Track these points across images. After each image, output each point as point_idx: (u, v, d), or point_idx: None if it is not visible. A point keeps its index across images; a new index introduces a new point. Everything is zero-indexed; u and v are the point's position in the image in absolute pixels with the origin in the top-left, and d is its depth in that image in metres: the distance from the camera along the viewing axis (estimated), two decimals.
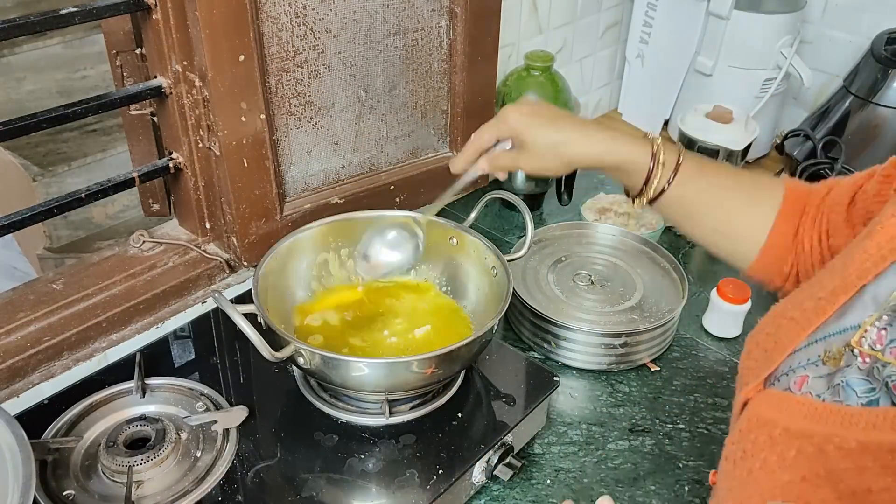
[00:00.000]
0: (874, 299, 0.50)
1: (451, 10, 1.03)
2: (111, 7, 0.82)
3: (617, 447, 0.88)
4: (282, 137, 0.95)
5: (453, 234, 0.91)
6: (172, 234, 1.01)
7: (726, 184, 0.75)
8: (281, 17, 0.88)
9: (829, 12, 1.45)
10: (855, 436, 0.44)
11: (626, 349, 0.96)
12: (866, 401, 0.46)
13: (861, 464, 0.43)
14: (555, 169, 0.77)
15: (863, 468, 0.42)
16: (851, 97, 1.29)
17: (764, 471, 0.49)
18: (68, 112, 0.82)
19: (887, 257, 0.50)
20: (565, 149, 0.74)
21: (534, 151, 0.75)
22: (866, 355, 0.47)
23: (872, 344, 0.47)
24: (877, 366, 0.46)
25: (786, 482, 0.47)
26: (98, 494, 0.70)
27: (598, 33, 1.50)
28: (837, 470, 0.44)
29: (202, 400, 0.80)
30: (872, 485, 0.42)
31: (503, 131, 0.77)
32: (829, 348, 0.51)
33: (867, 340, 0.48)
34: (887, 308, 0.48)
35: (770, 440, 0.50)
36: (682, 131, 1.29)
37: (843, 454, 0.44)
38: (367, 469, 0.75)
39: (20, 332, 0.85)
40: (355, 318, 0.88)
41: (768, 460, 0.49)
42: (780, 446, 0.48)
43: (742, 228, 0.73)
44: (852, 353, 0.49)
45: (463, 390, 0.84)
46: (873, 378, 0.46)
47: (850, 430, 0.44)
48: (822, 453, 0.45)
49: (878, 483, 0.41)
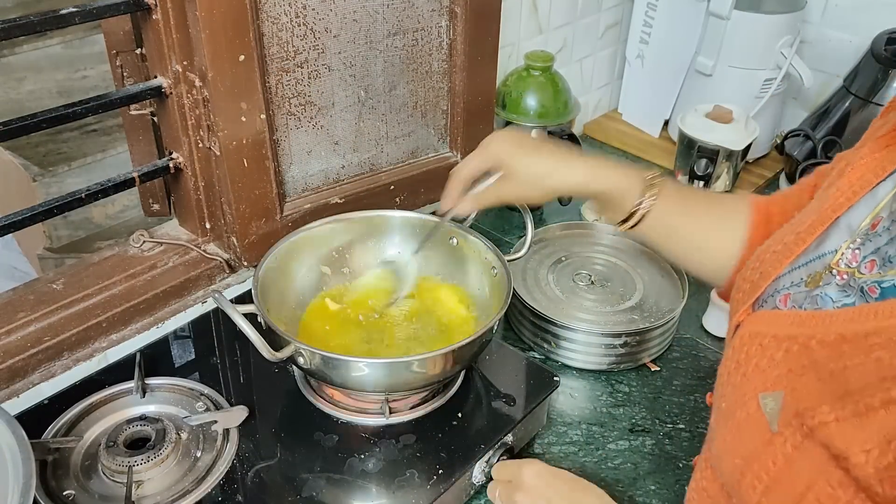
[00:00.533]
0: (848, 227, 0.56)
1: (451, 10, 1.03)
2: (111, 7, 0.82)
3: (617, 447, 0.88)
4: (282, 137, 0.95)
5: (453, 234, 0.91)
6: (172, 234, 1.01)
7: (700, 205, 0.78)
8: (281, 17, 0.88)
9: (829, 12, 1.45)
10: (834, 329, 0.49)
11: (626, 349, 0.96)
12: (840, 304, 0.53)
13: (839, 350, 0.48)
14: (538, 198, 0.80)
15: (840, 353, 0.48)
16: (851, 97, 1.29)
17: (755, 372, 0.54)
18: (68, 112, 0.82)
19: (858, 192, 0.57)
20: (549, 179, 0.77)
21: (517, 181, 0.77)
22: (843, 272, 0.54)
23: (848, 263, 0.54)
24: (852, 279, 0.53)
25: (774, 377, 0.52)
26: (98, 494, 0.70)
27: (598, 33, 1.50)
28: (819, 358, 0.49)
29: (202, 400, 0.80)
30: (847, 362, 0.47)
31: (486, 160, 0.78)
32: (811, 272, 0.57)
33: (843, 261, 0.54)
34: (860, 232, 0.54)
35: (760, 348, 0.55)
36: (682, 131, 1.30)
37: (824, 346, 0.49)
38: (367, 469, 0.75)
39: (20, 332, 0.85)
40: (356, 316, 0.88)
41: (759, 364, 0.54)
42: (770, 350, 0.54)
43: (718, 246, 0.77)
44: (831, 273, 0.55)
45: (463, 390, 0.84)
46: (849, 287, 0.53)
47: (829, 326, 0.50)
48: (805, 349, 0.51)
49: (853, 360, 0.47)
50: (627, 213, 0.76)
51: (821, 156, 1.28)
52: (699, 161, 1.26)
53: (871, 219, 0.54)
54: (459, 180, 0.80)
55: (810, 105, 1.49)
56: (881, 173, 0.56)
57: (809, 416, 0.47)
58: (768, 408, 0.51)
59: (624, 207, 0.76)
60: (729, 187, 1.33)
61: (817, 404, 0.47)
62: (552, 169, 0.76)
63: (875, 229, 0.53)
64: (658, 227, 0.76)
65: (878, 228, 0.53)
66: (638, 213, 0.75)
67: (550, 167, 0.76)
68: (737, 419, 0.54)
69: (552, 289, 1.03)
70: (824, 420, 0.46)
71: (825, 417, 0.46)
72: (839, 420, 0.46)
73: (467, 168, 0.80)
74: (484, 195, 0.80)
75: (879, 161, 0.57)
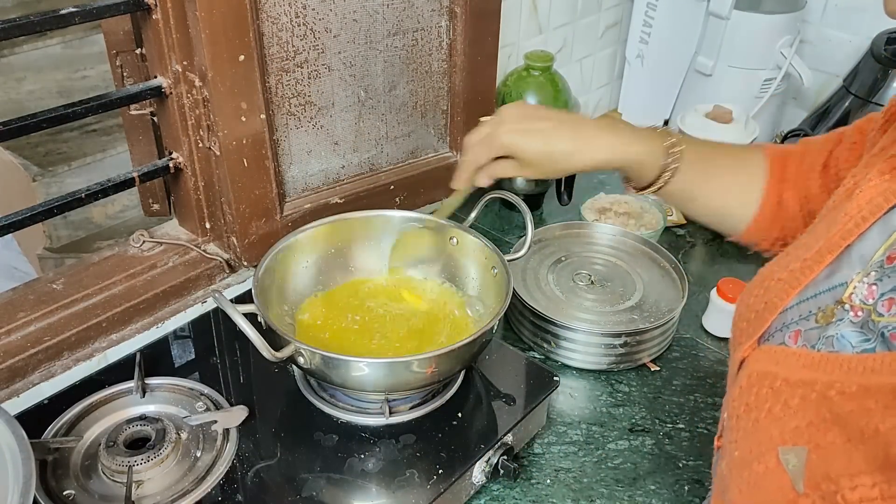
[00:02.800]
0: (861, 258, 0.53)
1: (451, 10, 1.03)
2: (111, 7, 0.82)
3: (617, 447, 0.88)
4: (282, 137, 0.95)
5: (453, 234, 0.91)
6: (172, 234, 1.01)
7: (718, 166, 0.78)
8: (281, 17, 0.88)
9: (829, 12, 1.45)
10: (855, 380, 0.45)
11: (626, 349, 0.96)
12: (861, 350, 0.48)
13: (865, 405, 0.44)
14: (556, 175, 0.79)
15: (867, 409, 0.44)
16: (851, 97, 1.29)
17: (769, 419, 0.50)
18: (68, 112, 0.82)
19: (868, 218, 0.53)
20: (566, 161, 0.74)
21: (532, 165, 0.75)
22: (858, 309, 0.50)
23: (864, 299, 0.50)
24: (870, 318, 0.49)
25: (793, 428, 0.48)
26: (98, 494, 0.70)
27: (598, 33, 1.50)
28: (843, 413, 0.45)
29: (202, 400, 0.80)
30: (880, 425, 0.43)
31: (498, 149, 0.75)
32: (821, 305, 0.53)
33: (857, 296, 0.50)
34: (874, 265, 0.51)
35: (772, 391, 0.51)
36: (682, 131, 1.29)
37: (846, 398, 0.45)
38: (367, 469, 0.75)
39: (20, 332, 0.85)
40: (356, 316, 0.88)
41: (773, 410, 0.50)
42: (784, 395, 0.50)
43: (736, 201, 0.78)
44: (843, 309, 0.51)
45: (463, 390, 0.84)
46: (868, 330, 0.49)
47: (849, 375, 0.46)
48: (825, 399, 0.47)
49: (886, 423, 0.43)
50: (649, 181, 0.76)
51: None
52: None
53: (886, 250, 0.51)
54: (470, 165, 0.77)
55: (810, 105, 1.49)
56: (892, 198, 0.53)
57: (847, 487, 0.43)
58: (790, 464, 0.47)
59: (645, 176, 0.76)
60: None
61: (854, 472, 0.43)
62: (572, 151, 0.74)
63: (893, 263, 0.50)
64: (678, 192, 0.76)
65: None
66: (659, 182, 0.75)
67: (566, 148, 0.73)
68: (754, 472, 0.51)
69: (552, 289, 1.03)
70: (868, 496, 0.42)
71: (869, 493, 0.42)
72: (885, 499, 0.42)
73: (478, 156, 0.76)
74: (499, 167, 0.77)
75: (889, 183, 0.54)
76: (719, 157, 0.79)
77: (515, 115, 0.76)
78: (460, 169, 0.79)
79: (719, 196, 0.77)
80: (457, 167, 0.80)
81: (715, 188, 0.77)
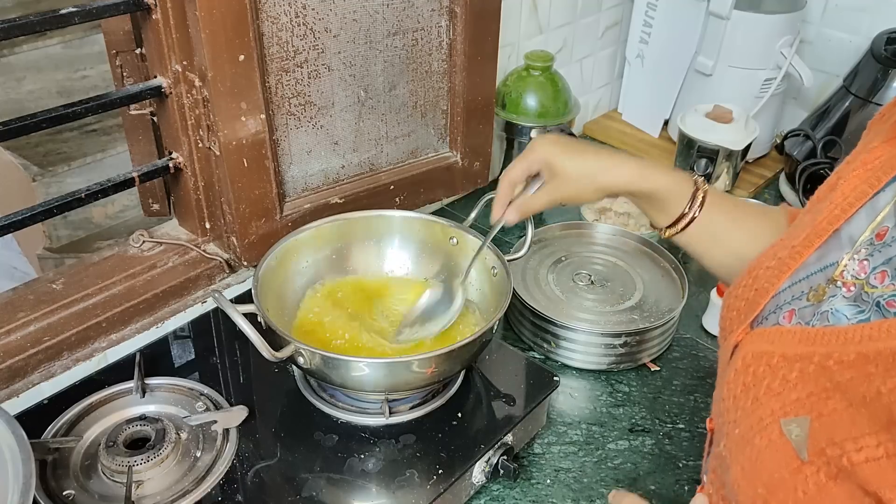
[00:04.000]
0: (850, 238, 0.55)
1: (451, 10, 1.03)
2: (111, 7, 0.82)
3: (617, 447, 0.88)
4: (282, 137, 0.95)
5: (453, 234, 0.91)
6: (172, 234, 1.01)
7: (741, 213, 0.77)
8: (281, 17, 0.88)
9: (829, 12, 1.45)
10: (853, 349, 0.47)
11: (626, 349, 0.96)
12: (856, 321, 0.50)
13: (865, 371, 0.45)
14: (588, 196, 0.78)
15: (868, 374, 0.45)
16: (851, 97, 1.29)
17: (769, 394, 0.51)
18: (68, 112, 0.82)
19: (854, 204, 0.56)
20: (598, 177, 0.75)
21: (566, 179, 0.76)
22: (850, 284, 0.52)
23: (856, 274, 0.52)
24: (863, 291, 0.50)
25: (794, 400, 0.49)
26: (98, 494, 0.70)
27: (598, 33, 1.50)
28: (843, 381, 0.46)
29: (202, 400, 0.80)
30: (881, 387, 0.44)
31: (533, 162, 0.77)
32: (813, 285, 0.55)
33: (849, 272, 0.52)
34: (864, 243, 0.53)
35: (769, 368, 0.52)
36: (682, 131, 1.30)
37: (845, 366, 0.47)
38: (367, 469, 0.75)
39: (20, 332, 0.85)
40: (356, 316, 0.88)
41: (771, 385, 0.51)
42: (782, 371, 0.51)
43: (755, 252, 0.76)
44: (835, 286, 0.53)
45: (463, 390, 0.84)
46: (861, 301, 0.50)
47: (847, 345, 0.47)
48: (824, 369, 0.48)
49: (887, 384, 0.44)
50: (674, 217, 0.75)
51: (821, 156, 1.28)
52: (699, 161, 1.26)
53: (874, 229, 0.53)
54: (507, 185, 0.79)
55: (810, 105, 1.49)
56: (876, 184, 0.55)
57: (853, 450, 0.44)
58: (794, 434, 0.48)
59: (670, 211, 0.75)
60: (729, 187, 1.33)
61: (857, 434, 0.44)
62: (601, 167, 0.75)
63: (882, 239, 0.52)
64: (703, 234, 0.76)
65: (887, 238, 0.52)
66: (686, 219, 0.75)
67: (599, 166, 0.75)
68: (756, 446, 0.51)
69: (552, 289, 1.03)
70: (874, 455, 0.43)
71: (875, 453, 0.43)
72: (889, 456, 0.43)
73: (514, 171, 0.78)
74: (533, 200, 0.78)
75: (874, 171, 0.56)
76: (743, 204, 0.80)
77: (553, 137, 0.79)
78: (496, 199, 0.80)
79: (744, 240, 0.75)
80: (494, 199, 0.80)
81: (741, 230, 0.76)
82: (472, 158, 1.14)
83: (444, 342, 0.84)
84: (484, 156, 1.16)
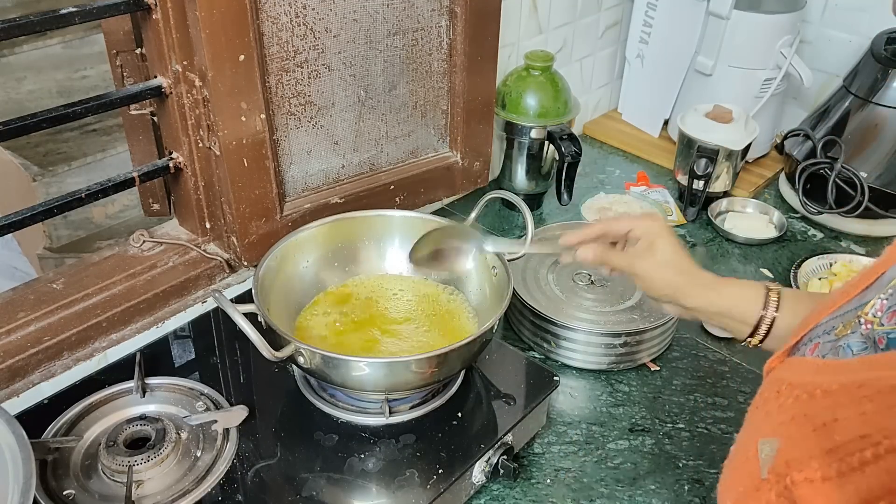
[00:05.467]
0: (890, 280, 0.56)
1: (451, 10, 1.03)
2: (111, 7, 0.82)
3: (617, 447, 0.88)
4: (282, 137, 0.95)
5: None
6: (172, 233, 1.01)
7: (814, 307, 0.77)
8: (281, 17, 0.88)
9: (829, 12, 1.45)
10: (836, 379, 0.49)
11: (626, 349, 0.97)
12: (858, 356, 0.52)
13: (836, 401, 0.47)
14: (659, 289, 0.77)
15: (836, 404, 0.47)
16: (851, 97, 1.29)
17: (764, 415, 0.54)
18: (68, 112, 0.82)
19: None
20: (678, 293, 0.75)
21: (655, 260, 0.75)
22: (869, 322, 0.53)
23: (875, 313, 0.53)
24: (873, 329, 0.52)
25: (777, 423, 0.52)
26: (98, 494, 0.70)
27: (598, 33, 1.50)
28: (819, 408, 0.49)
29: (202, 399, 0.81)
30: (838, 415, 0.46)
31: (640, 228, 0.76)
32: (844, 321, 0.56)
33: (872, 311, 0.54)
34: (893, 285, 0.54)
35: (776, 394, 0.55)
36: (682, 131, 1.30)
37: (825, 395, 0.49)
38: (367, 469, 0.75)
39: (20, 332, 0.85)
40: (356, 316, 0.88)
41: (770, 410, 0.54)
42: (783, 396, 0.53)
43: None
44: (858, 323, 0.54)
45: (463, 390, 0.84)
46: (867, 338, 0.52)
47: (835, 376, 0.50)
48: (812, 397, 0.50)
49: (842, 413, 0.46)
50: (753, 324, 0.74)
51: (820, 156, 1.28)
52: (699, 161, 1.26)
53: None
54: (601, 228, 0.78)
55: (810, 105, 1.49)
56: None
57: (797, 470, 0.47)
58: (763, 453, 0.51)
59: (748, 320, 0.74)
60: (729, 187, 1.33)
61: (808, 457, 0.46)
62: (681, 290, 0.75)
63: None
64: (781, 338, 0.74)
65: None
66: (765, 323, 0.74)
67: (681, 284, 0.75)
68: (737, 461, 0.55)
69: (552, 289, 1.03)
70: (811, 477, 0.45)
71: (812, 474, 0.45)
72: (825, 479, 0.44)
73: (619, 223, 0.78)
74: (615, 256, 0.78)
75: None
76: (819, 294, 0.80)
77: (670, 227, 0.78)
78: (582, 232, 0.79)
79: None
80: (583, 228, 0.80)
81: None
82: (473, 158, 1.15)
83: (444, 342, 0.84)
84: (484, 155, 1.16)
